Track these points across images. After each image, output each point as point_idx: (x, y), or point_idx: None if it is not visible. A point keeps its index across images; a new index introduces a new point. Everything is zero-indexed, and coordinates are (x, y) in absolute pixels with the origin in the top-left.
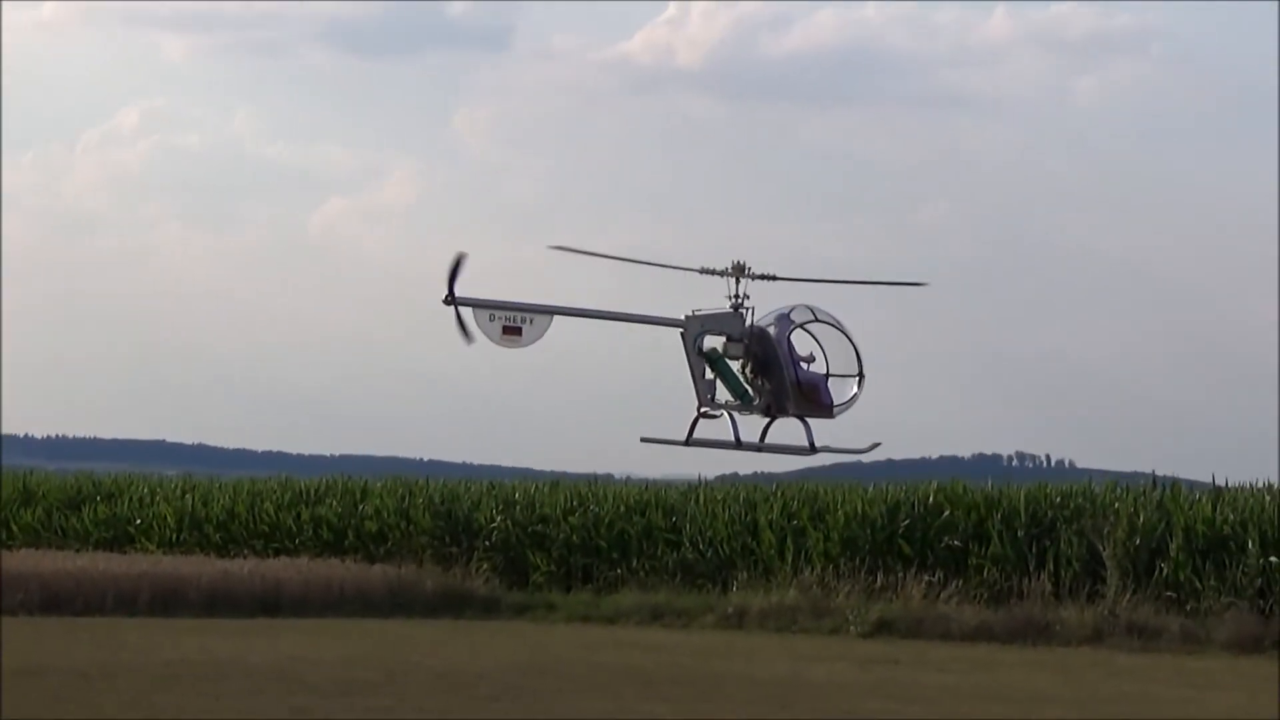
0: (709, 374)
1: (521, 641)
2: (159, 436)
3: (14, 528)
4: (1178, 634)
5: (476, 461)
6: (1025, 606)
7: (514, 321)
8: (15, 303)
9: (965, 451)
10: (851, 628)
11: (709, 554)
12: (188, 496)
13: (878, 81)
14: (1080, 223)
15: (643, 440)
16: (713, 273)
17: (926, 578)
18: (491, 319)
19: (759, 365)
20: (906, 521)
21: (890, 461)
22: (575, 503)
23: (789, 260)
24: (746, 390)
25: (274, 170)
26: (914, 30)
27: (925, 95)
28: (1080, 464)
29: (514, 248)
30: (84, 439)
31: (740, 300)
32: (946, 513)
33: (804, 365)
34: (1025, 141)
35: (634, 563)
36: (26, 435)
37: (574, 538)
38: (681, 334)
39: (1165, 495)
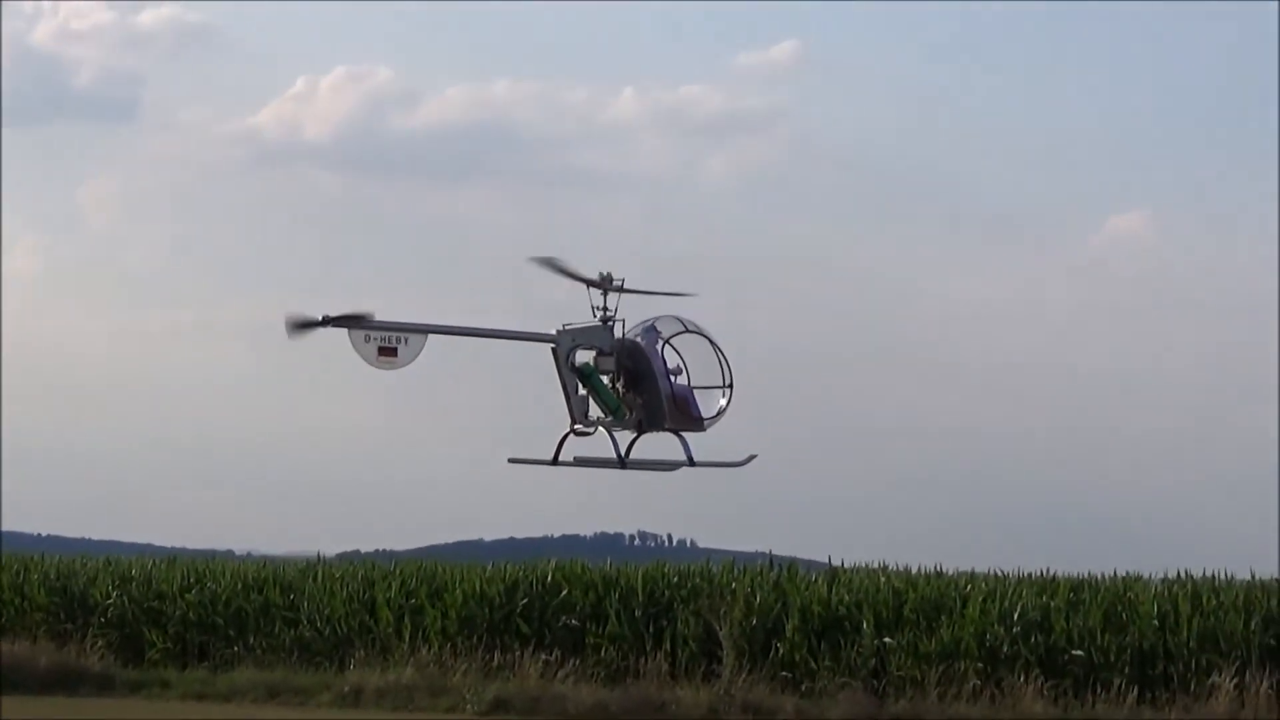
0: (581, 390)
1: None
2: None
3: None
4: (792, 713)
5: (96, 537)
6: (642, 686)
7: (389, 342)
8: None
9: (587, 530)
10: (469, 706)
11: (326, 632)
12: None
13: (505, 157)
14: (699, 303)
15: (510, 461)
16: (586, 282)
17: (544, 656)
18: (367, 340)
19: (631, 379)
20: (525, 600)
21: (512, 539)
22: (192, 579)
23: None
24: (620, 404)
25: None
26: (543, 109)
27: (553, 172)
28: (702, 543)
29: (131, 319)
30: None
31: (609, 313)
32: (565, 592)
33: (673, 378)
34: (650, 218)
35: (251, 640)
36: None
37: (190, 614)
38: (553, 349)
39: (782, 576)
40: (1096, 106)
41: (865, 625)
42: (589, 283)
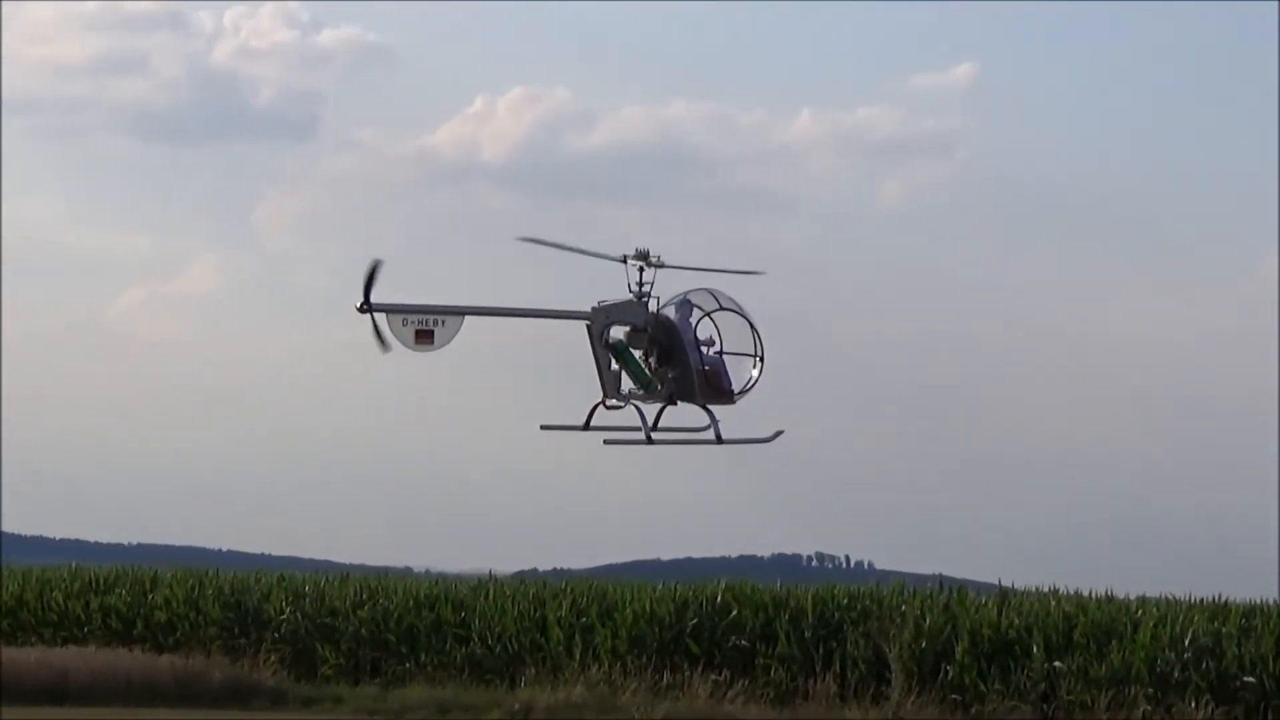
0: (614, 365)
1: None
2: None
3: None
4: None
5: (275, 553)
6: (811, 707)
7: (427, 325)
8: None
9: (765, 551)
10: None
11: (497, 649)
12: None
13: (678, 178)
14: (875, 326)
15: (543, 428)
16: (625, 260)
17: (713, 676)
18: (405, 324)
19: (663, 353)
20: (695, 620)
21: (689, 559)
22: (365, 596)
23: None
24: (651, 379)
25: (73, 257)
26: (718, 129)
27: (725, 193)
28: (880, 565)
29: (310, 338)
30: None
31: (644, 289)
32: (734, 612)
33: (705, 350)
34: (823, 240)
35: (422, 657)
36: None
37: (363, 631)
38: (588, 326)
39: (952, 598)
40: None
41: (1035, 649)
42: (611, 258)
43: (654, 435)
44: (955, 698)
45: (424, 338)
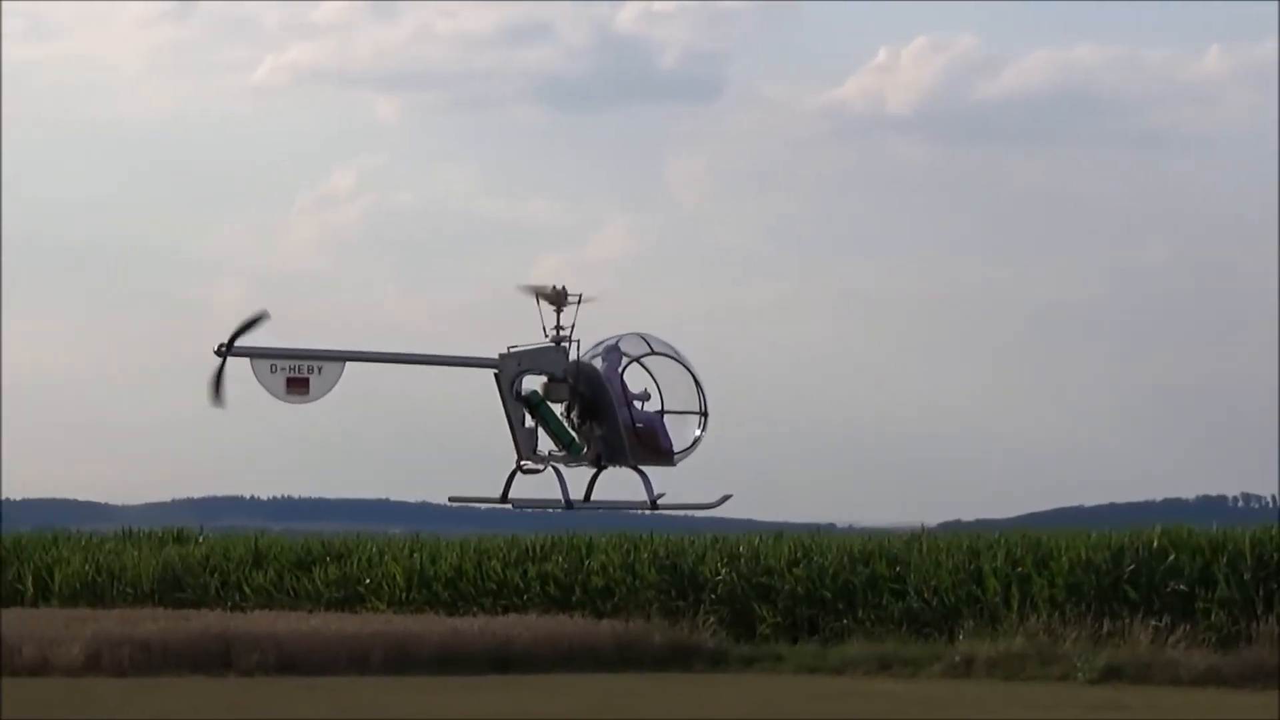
0: (529, 421)
1: (750, 694)
2: (382, 496)
3: (246, 589)
4: None
5: (698, 515)
6: (1255, 650)
7: (300, 372)
8: (238, 366)
9: (1189, 493)
10: (1079, 674)
11: (934, 603)
12: (415, 555)
13: (1088, 122)
14: None
15: (451, 500)
16: (535, 295)
17: (1153, 622)
18: (274, 370)
19: (587, 408)
20: (1131, 566)
21: (1112, 505)
22: (799, 554)
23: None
24: (574, 438)
25: (487, 227)
26: (1125, 70)
27: (1135, 135)
28: None
29: (725, 298)
30: (309, 499)
31: (562, 333)
32: (1171, 557)
33: (638, 405)
34: (1238, 180)
35: (859, 613)
36: (252, 496)
37: (799, 589)
38: (496, 375)
39: None
40: None
41: None
42: (539, 294)
43: (575, 504)
44: None
45: (297, 386)
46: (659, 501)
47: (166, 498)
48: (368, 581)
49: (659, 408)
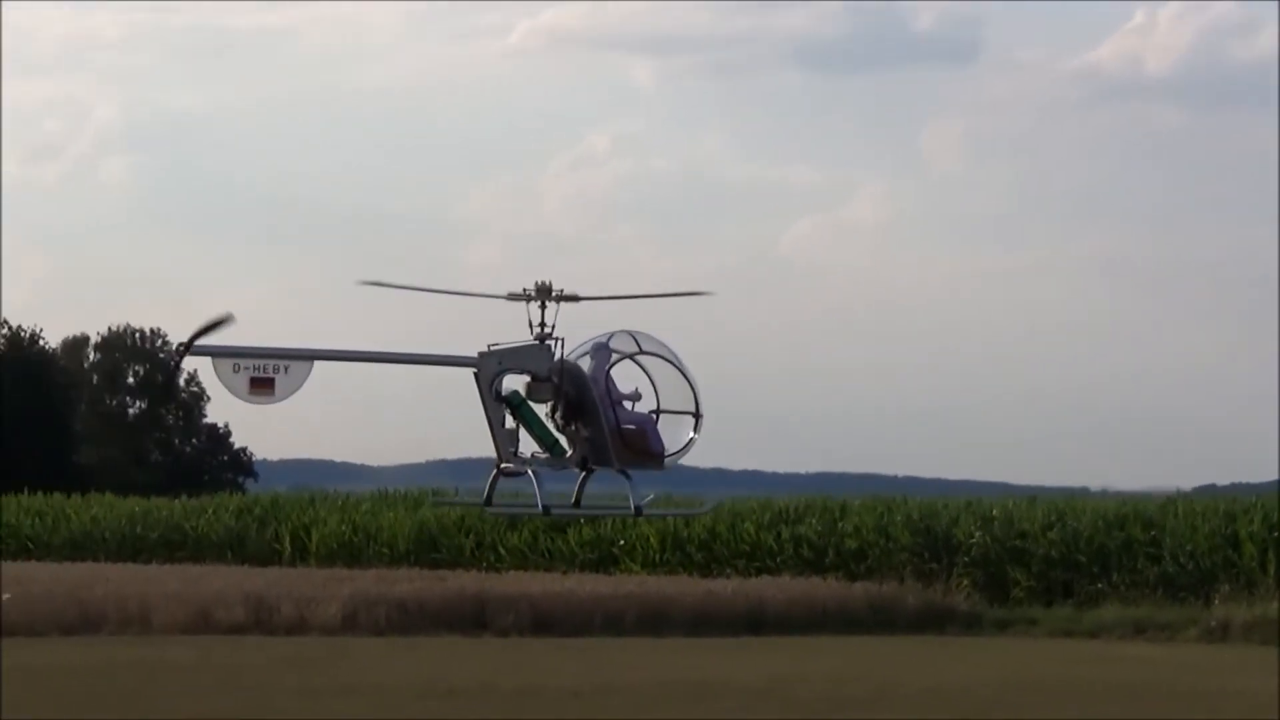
0: (510, 422)
1: (1004, 657)
2: None
3: (501, 550)
4: None
5: (951, 477)
6: None
7: (265, 372)
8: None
9: None
10: None
11: (1190, 567)
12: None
13: None
14: None
15: (433, 503)
16: (517, 297)
17: None
18: (236, 370)
19: (571, 409)
20: None
21: None
22: (1054, 518)
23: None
24: (557, 440)
25: (743, 191)
26: None
27: None
28: None
29: (979, 261)
30: None
31: (546, 330)
32: None
33: (627, 405)
34: None
35: (1114, 577)
36: None
37: (1053, 553)
38: (475, 375)
39: None
40: None
41: None
42: (513, 297)
43: (552, 509)
44: None
45: (261, 386)
46: (644, 509)
47: (421, 459)
48: (621, 543)
49: (652, 408)
